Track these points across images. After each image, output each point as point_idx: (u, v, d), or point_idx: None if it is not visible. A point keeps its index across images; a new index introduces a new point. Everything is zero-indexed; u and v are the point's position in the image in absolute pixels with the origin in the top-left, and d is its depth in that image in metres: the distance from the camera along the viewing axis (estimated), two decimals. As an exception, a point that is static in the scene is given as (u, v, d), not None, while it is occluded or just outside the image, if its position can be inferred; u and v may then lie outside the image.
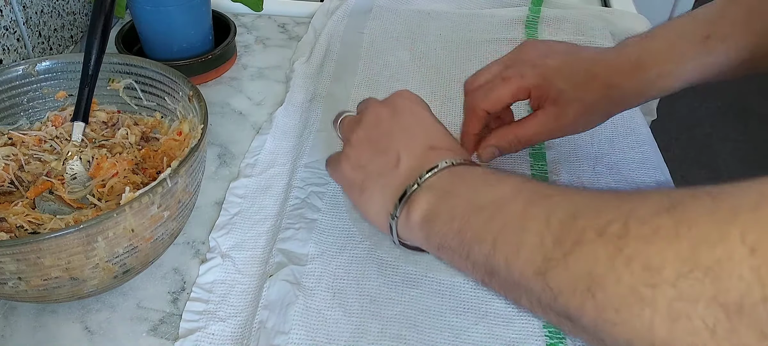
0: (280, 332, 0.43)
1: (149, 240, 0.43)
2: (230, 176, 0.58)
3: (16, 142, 0.53)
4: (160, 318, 0.46)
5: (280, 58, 0.75)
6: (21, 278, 0.39)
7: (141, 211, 0.41)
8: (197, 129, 0.48)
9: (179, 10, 0.66)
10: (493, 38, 0.76)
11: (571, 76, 0.49)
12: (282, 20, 0.82)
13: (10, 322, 0.46)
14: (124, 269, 0.43)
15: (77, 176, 0.51)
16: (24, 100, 0.54)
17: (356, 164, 0.45)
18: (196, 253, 0.51)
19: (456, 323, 0.44)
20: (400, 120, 0.45)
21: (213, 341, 0.44)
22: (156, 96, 0.55)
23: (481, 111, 0.50)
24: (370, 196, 0.44)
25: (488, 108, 0.50)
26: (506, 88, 0.49)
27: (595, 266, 0.28)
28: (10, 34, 0.63)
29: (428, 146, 0.43)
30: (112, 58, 0.55)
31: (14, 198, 0.50)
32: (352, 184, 0.45)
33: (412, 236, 0.41)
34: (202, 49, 0.70)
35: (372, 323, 0.44)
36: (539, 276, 0.31)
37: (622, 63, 0.49)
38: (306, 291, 0.46)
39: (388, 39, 0.75)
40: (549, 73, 0.49)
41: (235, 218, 0.53)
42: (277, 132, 0.62)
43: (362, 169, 0.44)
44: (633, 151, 0.59)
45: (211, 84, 0.70)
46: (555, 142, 0.59)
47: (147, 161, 0.53)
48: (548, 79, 0.49)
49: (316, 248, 0.49)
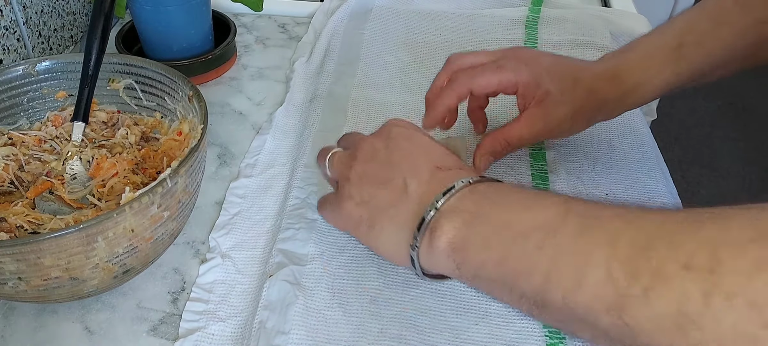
0: (280, 332, 0.43)
1: (149, 240, 0.43)
2: (230, 176, 0.58)
3: (16, 142, 0.53)
4: (160, 318, 0.46)
5: (280, 59, 0.75)
6: (21, 278, 0.39)
7: (141, 211, 0.41)
8: (197, 129, 0.48)
9: (179, 10, 0.66)
10: (493, 38, 0.76)
11: (558, 78, 0.50)
12: (282, 20, 0.82)
13: (10, 322, 0.46)
14: (124, 269, 0.43)
15: (77, 176, 0.51)
16: (24, 100, 0.54)
17: (359, 201, 0.42)
18: (196, 253, 0.51)
19: (456, 324, 0.44)
20: (398, 146, 0.43)
21: (213, 341, 0.44)
22: (156, 96, 0.55)
23: (464, 89, 0.50)
24: (380, 230, 0.42)
25: (474, 89, 0.50)
26: (498, 75, 0.50)
27: (686, 304, 0.26)
28: (10, 34, 0.63)
29: (434, 167, 0.41)
30: (112, 58, 0.55)
31: (14, 198, 0.50)
32: (358, 222, 0.43)
33: (439, 266, 0.39)
34: (202, 49, 0.70)
35: (372, 323, 0.44)
36: (612, 313, 0.29)
37: (603, 71, 0.51)
38: (306, 291, 0.46)
39: (388, 39, 0.75)
40: (539, 73, 0.50)
41: (235, 218, 0.53)
42: (277, 132, 0.62)
43: (367, 204, 0.42)
44: (633, 151, 0.59)
45: (211, 84, 0.70)
46: (555, 142, 0.59)
47: (147, 161, 0.53)
48: (538, 79, 0.49)
49: (316, 248, 0.49)
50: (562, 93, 0.50)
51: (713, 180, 1.87)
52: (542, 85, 0.50)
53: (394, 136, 0.44)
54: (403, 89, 0.67)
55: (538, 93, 0.50)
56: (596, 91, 0.50)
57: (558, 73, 0.50)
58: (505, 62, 0.50)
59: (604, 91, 0.50)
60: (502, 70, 0.50)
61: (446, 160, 0.42)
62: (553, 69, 0.50)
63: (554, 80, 0.50)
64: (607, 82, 0.50)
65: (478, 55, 0.53)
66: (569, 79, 0.50)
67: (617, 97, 0.50)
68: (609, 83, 0.50)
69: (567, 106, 0.50)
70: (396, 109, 0.64)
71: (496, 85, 0.50)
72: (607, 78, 0.50)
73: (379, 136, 0.45)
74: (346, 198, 0.43)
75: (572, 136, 0.60)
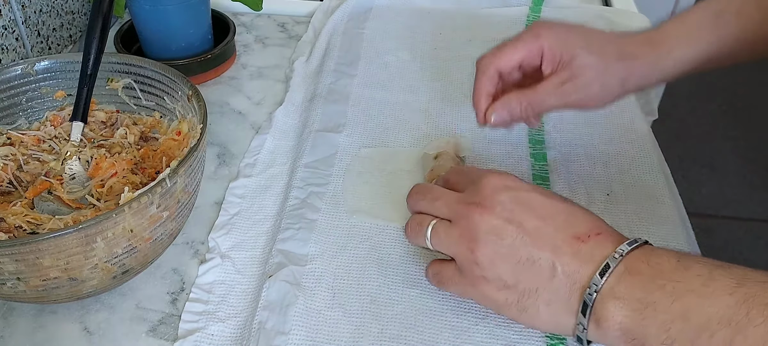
0: (280, 332, 0.43)
1: (148, 240, 0.43)
2: (229, 176, 0.58)
3: (15, 142, 0.52)
4: (159, 319, 0.46)
5: (280, 58, 0.75)
6: (20, 278, 0.39)
7: (140, 211, 0.41)
8: (196, 129, 0.48)
9: (178, 10, 0.66)
10: (493, 38, 0.75)
11: (586, 40, 0.48)
12: (281, 19, 0.82)
13: (9, 322, 0.45)
14: (123, 269, 0.43)
15: (76, 176, 0.51)
16: (23, 99, 0.54)
17: (502, 285, 0.40)
18: (195, 253, 0.51)
19: (456, 324, 0.44)
20: (523, 219, 0.40)
21: (212, 341, 0.44)
22: (155, 96, 0.55)
23: (492, 69, 0.49)
24: (536, 313, 0.39)
25: (499, 66, 0.48)
26: (519, 44, 0.48)
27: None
28: (8, 34, 0.63)
29: (572, 238, 0.39)
30: (111, 58, 0.55)
31: (13, 198, 0.49)
32: (504, 305, 0.40)
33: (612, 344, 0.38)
34: (201, 48, 0.69)
35: (372, 323, 0.44)
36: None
37: (636, 39, 0.49)
38: (306, 291, 0.46)
39: (388, 38, 0.75)
40: (564, 35, 0.48)
41: (235, 218, 0.53)
42: (276, 132, 0.62)
43: (512, 288, 0.39)
44: (633, 151, 0.58)
45: (211, 83, 0.70)
46: (555, 142, 0.59)
47: (146, 161, 0.52)
48: (563, 41, 0.48)
49: (316, 248, 0.49)
50: (591, 53, 0.47)
51: (713, 180, 1.87)
52: (569, 47, 0.48)
53: (509, 207, 0.40)
54: (403, 88, 0.67)
55: (564, 55, 0.48)
56: (629, 55, 0.48)
57: (585, 36, 0.49)
58: (526, 34, 0.49)
59: (637, 53, 0.49)
60: (522, 40, 0.48)
61: (579, 223, 0.40)
62: (579, 31, 0.49)
63: (582, 42, 0.48)
64: (640, 45, 0.49)
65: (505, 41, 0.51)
66: (598, 41, 0.48)
67: (652, 60, 0.49)
68: (642, 46, 0.49)
69: (596, 68, 0.48)
70: (396, 109, 0.64)
71: (522, 56, 0.48)
72: (640, 42, 0.49)
73: (489, 208, 0.40)
74: (481, 281, 0.40)
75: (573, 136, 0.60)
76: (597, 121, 0.62)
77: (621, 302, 0.36)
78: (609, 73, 0.48)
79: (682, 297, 0.34)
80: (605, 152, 0.58)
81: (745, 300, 0.32)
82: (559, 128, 0.61)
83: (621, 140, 0.60)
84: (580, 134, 0.60)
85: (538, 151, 0.58)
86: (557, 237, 0.39)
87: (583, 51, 0.48)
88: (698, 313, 0.33)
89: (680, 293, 0.34)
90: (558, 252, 0.38)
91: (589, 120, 0.62)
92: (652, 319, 0.35)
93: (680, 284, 0.35)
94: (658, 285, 0.35)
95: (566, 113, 0.63)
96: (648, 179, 0.56)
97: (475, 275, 0.40)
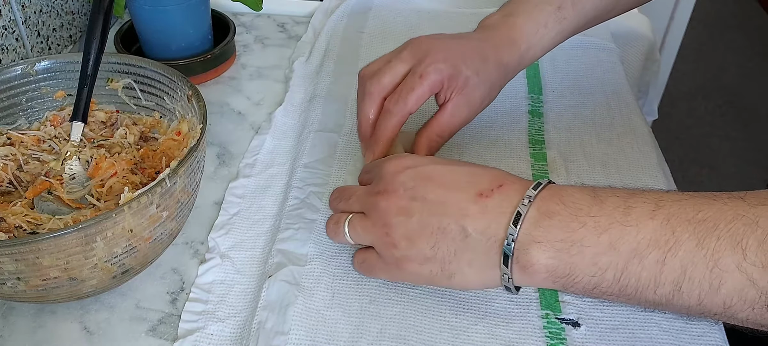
0: (280, 332, 0.43)
1: (148, 240, 0.43)
2: (229, 176, 0.58)
3: (15, 142, 0.52)
4: (159, 318, 0.46)
5: (280, 58, 0.75)
6: (20, 278, 0.39)
7: (140, 211, 0.41)
8: (196, 129, 0.48)
9: (178, 10, 0.66)
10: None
11: (472, 62, 0.51)
12: (281, 20, 0.82)
13: (9, 322, 0.45)
14: (122, 269, 0.43)
15: (76, 175, 0.51)
16: (22, 100, 0.54)
17: (424, 259, 0.41)
18: (195, 253, 0.51)
19: (455, 323, 0.44)
20: (426, 192, 0.41)
21: (212, 341, 0.44)
22: (155, 96, 0.55)
23: (404, 115, 0.50)
24: (462, 276, 0.41)
25: (413, 110, 0.50)
26: (426, 85, 0.49)
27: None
28: (8, 34, 0.63)
29: (476, 196, 0.40)
30: (111, 58, 0.55)
31: (13, 198, 0.50)
32: (431, 277, 0.42)
33: (540, 286, 0.40)
34: (201, 48, 0.70)
35: (371, 323, 0.44)
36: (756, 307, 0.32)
37: (501, 41, 0.54)
38: (305, 291, 0.46)
39: (387, 38, 0.75)
40: (457, 63, 0.50)
41: (234, 218, 0.53)
42: (276, 132, 0.62)
43: (432, 259, 0.41)
44: (633, 151, 0.58)
45: (210, 84, 0.70)
46: (555, 142, 0.59)
47: (146, 161, 0.52)
48: (457, 70, 0.50)
49: (316, 248, 0.49)
50: (478, 74, 0.51)
51: (713, 180, 1.87)
52: (461, 73, 0.50)
53: (411, 185, 0.42)
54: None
55: (458, 82, 0.50)
56: (502, 63, 0.53)
57: (470, 57, 0.51)
58: (427, 68, 0.49)
59: (506, 59, 0.53)
60: (426, 79, 0.49)
61: (480, 181, 0.41)
62: (466, 54, 0.51)
63: (469, 65, 0.51)
64: (507, 50, 0.53)
65: (388, 66, 0.51)
66: (480, 59, 0.52)
67: (516, 61, 0.54)
68: (508, 51, 0.53)
69: (484, 85, 0.52)
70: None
71: (428, 94, 0.50)
72: (506, 46, 0.53)
73: (393, 192, 0.42)
74: (404, 260, 0.42)
75: (573, 136, 0.60)
76: (597, 121, 0.62)
77: (543, 245, 0.37)
78: (493, 86, 0.53)
79: (607, 230, 0.36)
80: (605, 152, 0.58)
81: (668, 220, 0.35)
82: (559, 128, 0.61)
83: (621, 140, 0.60)
84: (580, 134, 0.60)
85: (538, 151, 0.58)
86: (461, 199, 0.40)
87: (472, 73, 0.51)
88: (626, 241, 0.35)
89: (604, 226, 0.36)
90: (465, 213, 0.40)
91: (589, 120, 0.62)
92: (579, 256, 0.36)
93: (602, 218, 0.36)
94: (580, 222, 0.37)
95: (566, 113, 0.63)
96: (648, 179, 0.56)
97: (396, 257, 0.42)
